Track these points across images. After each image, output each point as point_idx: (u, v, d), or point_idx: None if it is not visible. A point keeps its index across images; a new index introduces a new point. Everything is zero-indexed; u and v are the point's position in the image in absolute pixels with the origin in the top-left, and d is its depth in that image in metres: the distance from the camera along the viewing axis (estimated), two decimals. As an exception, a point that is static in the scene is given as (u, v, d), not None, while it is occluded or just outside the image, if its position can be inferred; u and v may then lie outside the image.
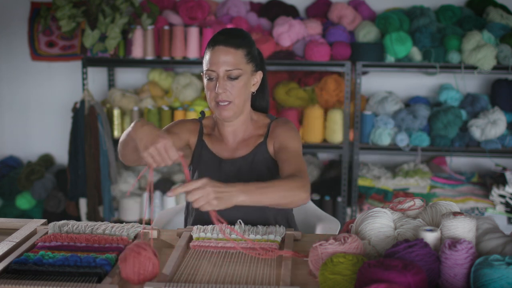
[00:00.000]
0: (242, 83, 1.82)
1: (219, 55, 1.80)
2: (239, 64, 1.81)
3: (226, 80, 1.81)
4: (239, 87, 1.82)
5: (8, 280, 1.40)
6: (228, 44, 1.80)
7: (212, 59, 1.81)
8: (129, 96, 4.12)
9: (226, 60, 1.79)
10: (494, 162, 4.08)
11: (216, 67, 1.80)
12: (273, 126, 1.93)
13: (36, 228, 1.77)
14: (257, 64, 1.89)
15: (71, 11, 3.78)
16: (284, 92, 4.01)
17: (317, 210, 2.24)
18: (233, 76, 1.81)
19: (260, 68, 1.92)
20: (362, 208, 3.92)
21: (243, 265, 1.53)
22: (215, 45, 1.81)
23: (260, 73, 1.91)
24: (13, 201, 4.17)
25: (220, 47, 1.80)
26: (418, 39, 3.80)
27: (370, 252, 1.48)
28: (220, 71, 1.80)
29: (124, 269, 1.40)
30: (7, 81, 4.50)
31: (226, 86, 1.81)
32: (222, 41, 1.81)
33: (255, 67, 1.88)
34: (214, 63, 1.80)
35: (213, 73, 1.81)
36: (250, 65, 1.85)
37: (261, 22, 4.08)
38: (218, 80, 1.81)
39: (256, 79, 1.89)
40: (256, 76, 1.89)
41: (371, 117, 3.89)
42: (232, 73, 1.80)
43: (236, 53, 1.81)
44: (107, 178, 3.92)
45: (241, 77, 1.82)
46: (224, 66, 1.79)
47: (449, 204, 1.60)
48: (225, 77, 1.80)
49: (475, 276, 1.28)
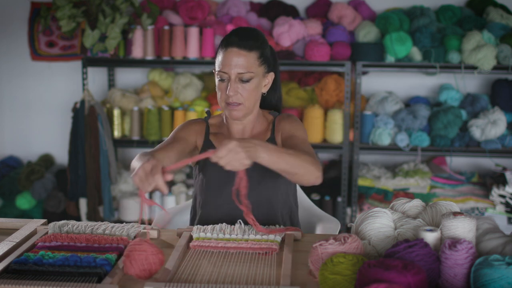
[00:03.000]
0: (253, 85, 1.82)
1: (231, 57, 1.79)
2: (251, 67, 1.80)
3: (237, 83, 1.80)
4: (250, 90, 1.82)
5: (8, 280, 1.40)
6: (241, 47, 1.79)
7: (224, 61, 1.80)
8: (129, 96, 4.12)
9: (239, 63, 1.79)
10: (494, 162, 4.08)
11: (228, 69, 1.79)
12: (277, 121, 1.95)
13: (36, 228, 1.77)
14: (269, 65, 1.88)
15: (71, 11, 3.78)
16: (284, 92, 4.01)
17: (317, 210, 2.24)
18: (244, 79, 1.80)
19: (272, 69, 1.91)
20: (362, 208, 3.92)
21: (243, 265, 1.53)
22: (228, 46, 1.80)
23: (272, 74, 1.91)
24: (13, 201, 4.17)
25: (233, 49, 1.79)
26: (418, 39, 3.80)
27: (370, 252, 1.48)
28: (232, 73, 1.79)
29: (130, 266, 1.40)
30: (7, 81, 4.50)
31: (238, 89, 1.81)
32: (235, 43, 1.80)
33: (267, 68, 1.87)
34: (227, 65, 1.79)
35: (225, 75, 1.81)
36: (263, 67, 1.85)
37: (261, 22, 4.08)
38: (229, 82, 1.80)
39: (267, 80, 1.90)
40: (268, 78, 1.89)
41: (371, 117, 3.89)
42: (244, 76, 1.80)
43: (248, 55, 1.80)
44: (107, 178, 3.92)
45: (253, 80, 1.82)
46: (236, 68, 1.79)
47: (449, 204, 1.60)
48: (236, 80, 1.80)
49: (475, 276, 1.28)
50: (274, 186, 1.91)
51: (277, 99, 2.04)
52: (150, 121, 3.97)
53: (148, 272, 1.40)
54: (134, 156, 4.49)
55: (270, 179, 1.89)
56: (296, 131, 1.88)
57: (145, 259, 1.39)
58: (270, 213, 1.91)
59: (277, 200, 1.92)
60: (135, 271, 1.40)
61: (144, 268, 1.40)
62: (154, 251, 1.41)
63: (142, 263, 1.39)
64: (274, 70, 1.93)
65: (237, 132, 1.95)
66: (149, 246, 1.41)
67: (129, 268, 1.40)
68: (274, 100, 2.04)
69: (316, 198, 3.97)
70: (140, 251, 1.40)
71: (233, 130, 1.95)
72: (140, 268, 1.39)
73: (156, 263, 1.41)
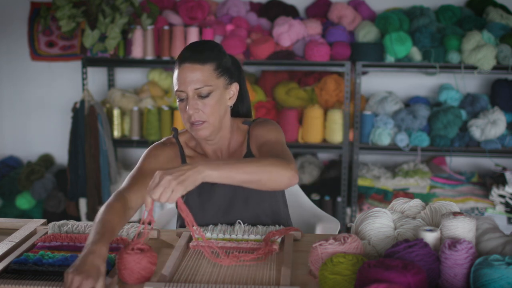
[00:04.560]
0: (214, 100, 1.69)
1: (185, 73, 1.67)
2: (208, 81, 1.68)
3: (197, 99, 1.68)
4: (212, 105, 1.69)
5: (8, 280, 1.40)
6: (193, 61, 1.67)
7: (179, 78, 1.68)
8: (129, 96, 4.12)
9: (194, 78, 1.66)
10: (494, 162, 4.08)
11: (184, 87, 1.67)
12: (251, 130, 1.83)
13: (36, 228, 1.77)
14: (231, 75, 1.75)
15: (71, 11, 3.78)
16: (284, 92, 4.01)
17: (317, 210, 2.24)
18: (203, 94, 1.67)
19: (236, 79, 1.79)
20: (362, 208, 3.92)
21: (243, 265, 1.53)
22: (181, 63, 1.69)
23: (235, 84, 1.77)
24: (13, 201, 4.17)
25: (186, 64, 1.68)
26: (418, 39, 3.80)
27: (370, 252, 1.48)
28: (189, 90, 1.67)
29: (122, 276, 1.42)
30: (7, 81, 4.50)
31: (198, 106, 1.68)
32: (187, 58, 1.68)
33: (229, 79, 1.74)
34: (182, 83, 1.67)
35: (183, 94, 1.69)
36: (222, 78, 1.72)
37: (261, 22, 4.08)
38: (188, 100, 1.68)
39: (232, 92, 1.76)
40: (232, 89, 1.76)
41: (371, 117, 3.89)
42: (201, 91, 1.67)
43: (203, 69, 1.68)
44: (107, 178, 3.92)
45: (213, 94, 1.69)
46: (192, 84, 1.66)
47: (449, 204, 1.60)
48: (195, 96, 1.68)
49: (475, 276, 1.28)
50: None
51: (246, 110, 1.93)
52: (150, 121, 3.97)
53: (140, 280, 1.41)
54: (134, 156, 4.49)
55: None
56: (268, 135, 1.76)
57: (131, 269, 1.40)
58: (255, 212, 1.84)
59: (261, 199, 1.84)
60: (127, 281, 1.42)
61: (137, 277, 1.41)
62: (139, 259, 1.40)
63: (130, 274, 1.40)
64: (238, 80, 1.81)
65: (213, 153, 1.83)
66: (135, 256, 1.40)
67: (121, 278, 1.42)
68: (243, 111, 1.92)
69: (316, 198, 3.98)
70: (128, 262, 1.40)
71: (208, 152, 1.83)
72: (130, 278, 1.41)
73: (146, 268, 1.41)
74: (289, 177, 1.51)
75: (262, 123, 1.83)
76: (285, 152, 1.66)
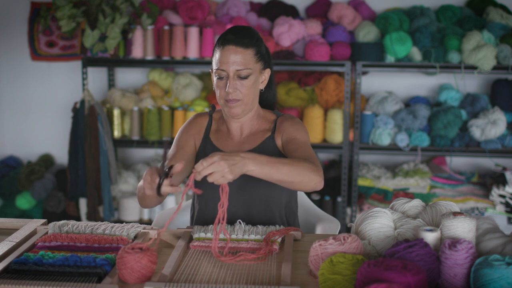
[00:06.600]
0: (251, 82, 1.85)
1: (229, 55, 1.82)
2: (248, 64, 1.83)
3: (236, 80, 1.83)
4: (249, 86, 1.85)
5: (8, 280, 1.40)
6: (238, 44, 1.82)
7: (222, 59, 1.83)
8: (129, 96, 4.12)
9: (236, 60, 1.82)
10: (494, 162, 4.08)
11: (226, 67, 1.82)
12: (279, 121, 1.96)
13: (36, 228, 1.77)
14: (265, 62, 1.91)
15: (71, 11, 3.78)
16: (284, 92, 4.01)
17: (317, 210, 2.24)
18: (242, 75, 1.83)
19: (268, 65, 1.94)
20: (362, 208, 3.92)
21: (243, 265, 1.53)
22: (225, 44, 1.83)
23: (268, 70, 1.93)
24: (13, 201, 4.17)
25: (230, 46, 1.82)
26: (418, 39, 3.80)
27: (370, 252, 1.48)
28: (230, 70, 1.82)
29: (122, 276, 1.42)
30: (7, 81, 4.50)
31: (236, 86, 1.83)
32: (232, 41, 1.83)
33: (264, 65, 1.90)
34: (224, 63, 1.82)
35: (223, 73, 1.83)
36: (259, 63, 1.87)
37: (261, 22, 4.08)
38: (228, 80, 1.83)
39: (264, 76, 1.92)
40: (265, 74, 1.92)
41: (371, 117, 3.89)
42: (242, 72, 1.82)
43: (245, 52, 1.83)
44: (107, 178, 3.92)
45: (251, 76, 1.84)
46: (234, 66, 1.82)
47: (449, 204, 1.60)
48: (235, 77, 1.83)
49: (475, 276, 1.28)
50: (271, 185, 1.91)
51: (272, 95, 2.06)
52: (150, 121, 3.97)
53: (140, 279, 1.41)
54: (134, 156, 4.50)
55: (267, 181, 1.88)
56: (297, 134, 1.89)
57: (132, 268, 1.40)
58: (267, 213, 1.91)
59: (274, 200, 1.92)
60: (127, 280, 1.42)
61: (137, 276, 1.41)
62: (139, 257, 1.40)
63: (131, 273, 1.41)
64: (269, 66, 1.96)
65: (235, 130, 1.97)
66: (135, 255, 1.41)
67: (122, 277, 1.42)
68: (270, 96, 2.05)
69: (316, 198, 3.98)
70: (128, 260, 1.40)
71: (231, 128, 1.97)
72: (131, 277, 1.41)
73: (147, 267, 1.41)
74: (317, 182, 1.66)
75: (291, 119, 1.96)
76: (314, 156, 1.78)
